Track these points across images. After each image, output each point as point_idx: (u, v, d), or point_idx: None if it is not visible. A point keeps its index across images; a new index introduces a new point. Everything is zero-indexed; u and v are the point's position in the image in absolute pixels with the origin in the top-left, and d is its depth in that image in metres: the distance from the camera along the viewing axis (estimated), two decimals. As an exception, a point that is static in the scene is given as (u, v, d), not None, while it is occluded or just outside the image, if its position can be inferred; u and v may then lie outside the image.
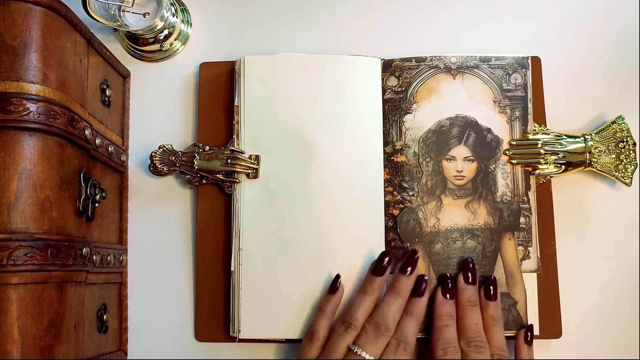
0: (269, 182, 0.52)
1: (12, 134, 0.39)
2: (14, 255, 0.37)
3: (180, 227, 0.55)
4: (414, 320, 0.46)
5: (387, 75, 0.53)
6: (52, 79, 0.41)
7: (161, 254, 0.54)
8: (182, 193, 0.55)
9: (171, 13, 0.54)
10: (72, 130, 0.42)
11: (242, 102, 0.52)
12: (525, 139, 0.51)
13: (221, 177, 0.52)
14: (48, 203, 0.40)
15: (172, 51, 0.57)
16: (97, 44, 0.49)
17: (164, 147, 0.53)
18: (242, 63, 0.53)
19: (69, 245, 0.41)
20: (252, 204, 0.51)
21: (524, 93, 0.52)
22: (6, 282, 0.37)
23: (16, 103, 0.38)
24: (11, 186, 0.38)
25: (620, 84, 0.55)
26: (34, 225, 0.39)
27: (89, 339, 0.45)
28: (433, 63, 0.53)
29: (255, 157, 0.52)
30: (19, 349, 0.37)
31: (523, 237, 0.51)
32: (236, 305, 0.51)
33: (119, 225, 0.53)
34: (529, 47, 0.55)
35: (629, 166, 0.51)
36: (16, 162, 0.39)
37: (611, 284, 0.52)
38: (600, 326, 0.52)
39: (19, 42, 0.40)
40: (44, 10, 0.41)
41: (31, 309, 0.38)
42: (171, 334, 0.53)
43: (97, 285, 0.47)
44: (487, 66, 0.52)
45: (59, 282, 0.40)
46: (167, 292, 0.54)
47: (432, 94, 0.52)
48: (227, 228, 0.53)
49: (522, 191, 0.51)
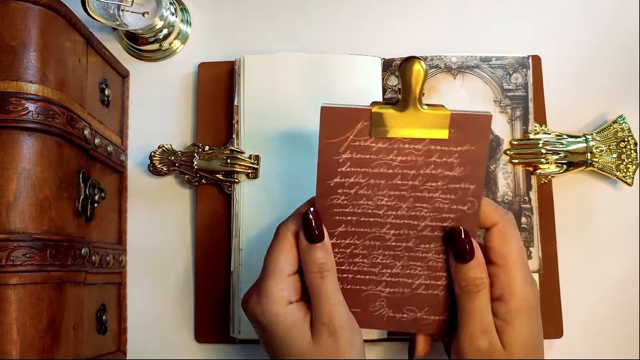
0: (269, 182, 0.51)
1: (11, 134, 0.38)
2: (12, 256, 0.37)
3: (180, 227, 0.54)
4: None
5: (387, 74, 0.53)
6: (51, 79, 0.41)
7: (161, 254, 0.54)
8: (181, 193, 0.55)
9: (170, 12, 0.54)
10: (71, 130, 0.42)
11: (241, 102, 0.52)
12: (526, 139, 0.51)
13: (221, 177, 0.52)
14: (47, 203, 0.40)
15: (172, 51, 0.56)
16: (96, 43, 0.49)
17: (164, 147, 0.52)
18: (241, 63, 0.53)
19: (68, 245, 0.41)
20: (252, 204, 0.51)
21: (524, 93, 0.52)
22: (5, 283, 0.37)
23: (15, 103, 0.38)
24: (10, 186, 0.38)
25: (621, 83, 0.55)
26: (33, 226, 0.38)
27: (88, 339, 0.45)
28: (433, 63, 0.53)
29: (255, 157, 0.52)
30: (18, 349, 0.37)
31: (524, 237, 0.50)
32: (236, 306, 0.50)
33: (118, 225, 0.53)
34: (529, 47, 0.55)
35: (631, 166, 0.51)
36: (15, 162, 0.38)
37: (612, 284, 0.52)
38: (601, 326, 0.52)
39: (18, 41, 0.39)
40: (43, 10, 0.41)
41: (30, 310, 0.37)
42: (170, 334, 0.53)
43: (96, 285, 0.47)
44: (487, 66, 0.52)
45: (58, 283, 0.40)
46: (167, 293, 0.54)
47: (433, 93, 0.52)
48: (227, 228, 0.53)
49: (523, 191, 0.51)
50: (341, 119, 0.37)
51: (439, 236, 0.39)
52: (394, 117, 0.37)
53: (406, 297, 0.40)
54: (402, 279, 0.40)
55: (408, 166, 0.38)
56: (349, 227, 0.39)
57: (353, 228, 0.39)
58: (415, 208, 0.39)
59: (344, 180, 0.38)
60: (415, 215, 0.39)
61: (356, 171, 0.38)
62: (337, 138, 0.37)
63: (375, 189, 0.38)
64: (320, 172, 0.38)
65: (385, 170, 0.38)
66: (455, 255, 0.38)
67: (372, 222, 0.39)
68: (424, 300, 0.40)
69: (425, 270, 0.40)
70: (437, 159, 0.37)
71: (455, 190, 0.38)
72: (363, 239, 0.39)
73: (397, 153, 0.37)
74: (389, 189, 0.38)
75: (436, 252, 0.39)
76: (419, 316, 0.41)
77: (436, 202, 0.38)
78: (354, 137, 0.37)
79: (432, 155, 0.37)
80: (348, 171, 0.38)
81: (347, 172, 0.38)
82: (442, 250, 0.39)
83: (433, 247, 0.39)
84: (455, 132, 0.37)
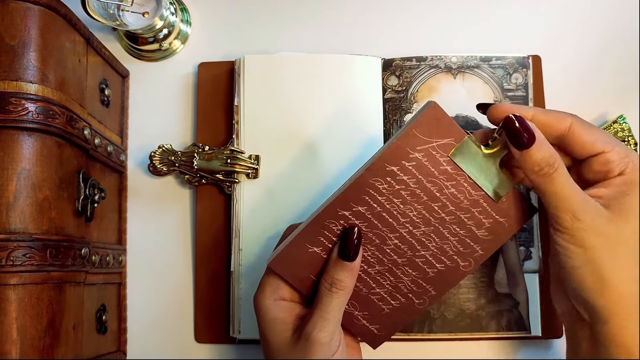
0: (269, 182, 0.51)
1: (10, 134, 0.38)
2: (12, 256, 0.37)
3: (180, 228, 0.54)
4: None
5: (387, 74, 0.53)
6: (51, 79, 0.41)
7: (160, 254, 0.54)
8: (181, 193, 0.55)
9: (170, 12, 0.54)
10: (71, 130, 0.42)
11: (241, 102, 0.52)
12: (526, 139, 0.51)
13: (221, 177, 0.52)
14: (47, 203, 0.40)
15: (172, 50, 0.56)
16: (96, 43, 0.49)
17: (164, 147, 0.52)
18: (241, 62, 0.53)
19: (68, 245, 0.41)
20: (252, 204, 0.51)
21: (524, 93, 0.52)
22: (5, 283, 0.37)
23: (15, 103, 0.38)
24: (10, 186, 0.38)
25: (621, 83, 0.55)
26: (33, 226, 0.38)
27: (88, 339, 0.45)
28: (434, 62, 0.53)
29: (255, 157, 0.52)
30: (18, 349, 0.37)
31: (524, 237, 0.50)
32: (236, 306, 0.50)
33: (118, 225, 0.53)
34: (529, 47, 0.55)
35: (630, 166, 0.51)
36: (15, 162, 0.38)
37: (612, 284, 0.52)
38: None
39: (18, 41, 0.39)
40: (43, 10, 0.41)
41: (30, 310, 0.37)
42: (170, 334, 0.53)
43: (96, 285, 0.47)
44: (487, 66, 0.52)
45: (58, 283, 0.40)
46: (167, 293, 0.54)
47: (433, 93, 0.52)
48: (227, 228, 0.53)
49: (523, 191, 0.51)
50: (440, 124, 0.37)
51: (425, 270, 0.40)
52: (476, 155, 0.38)
53: (360, 294, 0.41)
54: (369, 280, 0.41)
55: (453, 201, 0.39)
56: (367, 212, 0.39)
57: (370, 216, 0.39)
58: (428, 237, 0.39)
59: (399, 172, 0.38)
60: (423, 242, 0.40)
61: (414, 173, 0.38)
62: (424, 136, 0.37)
63: (414, 199, 0.39)
64: (387, 152, 0.38)
65: (435, 190, 0.38)
66: (516, 145, 0.35)
67: (388, 222, 0.39)
68: (369, 306, 0.41)
69: (391, 287, 0.41)
70: (477, 212, 0.39)
71: (467, 246, 0.40)
72: (370, 228, 0.39)
73: (455, 185, 0.38)
74: (424, 208, 0.39)
75: (412, 280, 0.41)
76: (355, 314, 0.42)
77: (446, 244, 0.40)
78: (437, 146, 0.37)
79: (476, 207, 0.39)
80: (408, 168, 0.38)
81: (407, 169, 0.38)
82: (417, 283, 0.41)
83: (414, 274, 0.40)
84: (505, 203, 0.39)
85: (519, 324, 0.49)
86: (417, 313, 0.42)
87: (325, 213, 0.39)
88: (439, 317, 0.50)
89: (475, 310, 0.50)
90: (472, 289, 0.50)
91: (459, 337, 0.50)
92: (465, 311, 0.50)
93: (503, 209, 0.39)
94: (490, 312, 0.50)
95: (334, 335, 0.38)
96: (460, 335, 0.50)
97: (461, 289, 0.50)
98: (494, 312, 0.50)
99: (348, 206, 0.39)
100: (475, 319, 0.50)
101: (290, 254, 0.39)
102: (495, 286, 0.50)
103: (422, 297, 0.41)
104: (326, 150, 0.51)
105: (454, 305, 0.50)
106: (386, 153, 0.38)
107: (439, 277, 0.40)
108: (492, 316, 0.50)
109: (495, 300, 0.50)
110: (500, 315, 0.50)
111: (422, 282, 0.41)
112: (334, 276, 0.38)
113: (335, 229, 0.39)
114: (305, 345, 0.37)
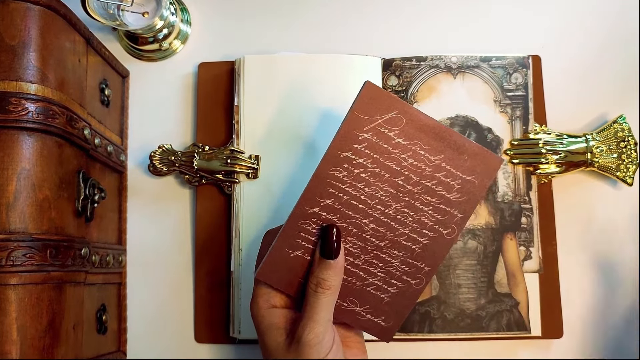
0: (269, 182, 0.51)
1: (10, 134, 0.38)
2: (12, 256, 0.37)
3: (180, 228, 0.54)
4: None
5: (387, 74, 0.53)
6: (50, 79, 0.41)
7: (160, 254, 0.54)
8: (181, 193, 0.55)
9: (170, 12, 0.54)
10: (71, 130, 0.42)
11: (241, 102, 0.52)
12: (526, 139, 0.51)
13: (221, 177, 0.52)
14: (47, 203, 0.39)
15: (172, 50, 0.56)
16: (96, 43, 0.49)
17: (164, 147, 0.52)
18: (241, 62, 0.53)
19: (68, 245, 0.41)
20: (252, 204, 0.51)
21: (524, 93, 0.52)
22: (5, 283, 0.37)
23: (15, 103, 0.38)
24: (10, 186, 0.38)
25: (621, 83, 0.55)
26: (33, 226, 0.38)
27: (88, 339, 0.45)
28: (433, 62, 0.53)
29: (255, 157, 0.52)
30: (18, 349, 0.37)
31: (524, 237, 0.50)
32: (236, 306, 0.50)
33: (118, 225, 0.53)
34: (529, 47, 0.55)
35: (631, 166, 0.51)
36: (15, 162, 0.38)
37: (612, 284, 0.52)
38: (601, 326, 0.52)
39: (18, 41, 0.39)
40: (43, 10, 0.41)
41: (30, 310, 0.37)
42: (170, 334, 0.53)
43: (96, 285, 0.47)
44: (487, 66, 0.52)
45: (58, 283, 0.40)
46: (167, 293, 0.54)
47: (433, 93, 0.52)
48: (227, 228, 0.53)
49: (523, 191, 0.51)
50: (380, 101, 0.37)
51: (410, 247, 0.40)
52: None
53: (355, 289, 0.41)
54: (359, 272, 0.40)
55: (415, 171, 0.38)
56: (336, 204, 0.39)
57: (340, 206, 0.39)
58: (403, 213, 0.39)
59: (353, 157, 0.38)
60: (399, 220, 0.39)
61: (368, 154, 0.38)
62: (368, 116, 0.37)
63: (377, 179, 0.39)
64: (336, 140, 0.38)
65: (393, 165, 0.38)
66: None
67: (359, 208, 0.39)
68: (368, 298, 0.41)
69: (383, 273, 0.40)
70: (442, 176, 0.39)
71: (444, 213, 0.39)
72: (343, 220, 0.39)
73: (412, 155, 0.38)
74: (389, 185, 0.39)
75: (401, 261, 0.40)
76: (357, 310, 0.41)
77: (423, 216, 0.39)
78: (383, 122, 0.38)
79: (440, 171, 0.38)
80: (361, 151, 0.38)
81: (360, 152, 0.38)
82: (407, 262, 0.40)
83: (401, 255, 0.40)
84: (468, 160, 0.38)
85: (519, 324, 0.49)
86: (417, 294, 0.41)
87: (296, 215, 0.39)
88: (439, 317, 0.50)
89: (475, 310, 0.50)
90: (472, 289, 0.50)
91: (459, 337, 0.50)
92: (465, 311, 0.50)
93: (468, 166, 0.39)
94: (490, 312, 0.50)
95: (325, 336, 0.38)
96: (460, 335, 0.50)
97: (461, 289, 0.50)
98: (494, 312, 0.50)
99: (315, 202, 0.39)
100: (475, 319, 0.50)
101: (273, 262, 0.39)
102: (495, 286, 0.50)
103: (416, 276, 0.41)
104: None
105: (454, 305, 0.50)
106: (336, 140, 0.38)
107: (427, 252, 0.40)
108: (492, 316, 0.50)
109: (495, 300, 0.50)
110: (500, 315, 0.50)
111: (411, 260, 0.40)
112: (319, 276, 0.39)
113: (310, 228, 0.39)
114: (297, 348, 0.38)
